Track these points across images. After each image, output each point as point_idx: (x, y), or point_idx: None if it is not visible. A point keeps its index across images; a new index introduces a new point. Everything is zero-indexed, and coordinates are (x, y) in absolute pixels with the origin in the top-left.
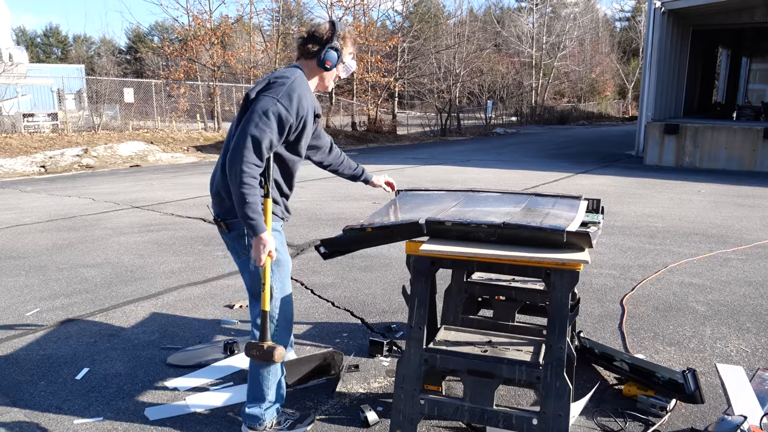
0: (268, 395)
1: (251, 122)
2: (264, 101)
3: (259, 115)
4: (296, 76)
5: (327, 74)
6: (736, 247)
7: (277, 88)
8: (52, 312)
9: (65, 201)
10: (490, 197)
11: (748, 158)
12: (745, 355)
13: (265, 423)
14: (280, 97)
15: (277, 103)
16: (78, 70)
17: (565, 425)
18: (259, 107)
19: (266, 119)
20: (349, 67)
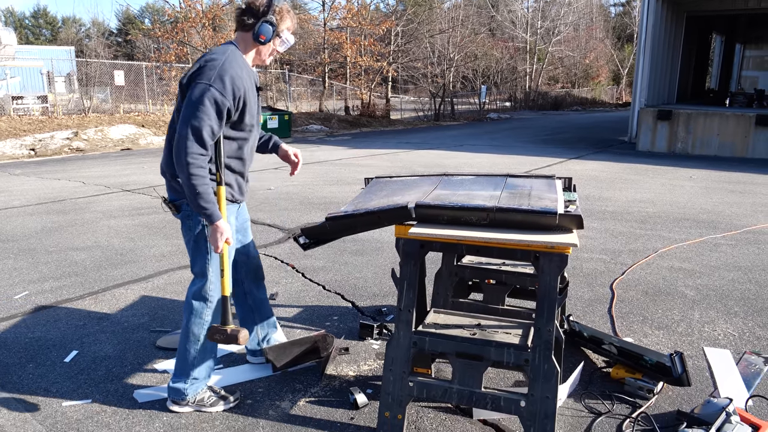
0: (194, 372)
1: (189, 112)
2: (197, 89)
3: (195, 105)
4: (227, 54)
5: (263, 48)
6: (726, 233)
7: (208, 72)
8: (41, 295)
9: (55, 184)
10: (466, 180)
11: (740, 145)
12: (732, 339)
13: (187, 398)
14: (213, 82)
15: (210, 89)
16: (67, 52)
17: (553, 407)
18: (194, 96)
19: (203, 107)
20: (287, 41)
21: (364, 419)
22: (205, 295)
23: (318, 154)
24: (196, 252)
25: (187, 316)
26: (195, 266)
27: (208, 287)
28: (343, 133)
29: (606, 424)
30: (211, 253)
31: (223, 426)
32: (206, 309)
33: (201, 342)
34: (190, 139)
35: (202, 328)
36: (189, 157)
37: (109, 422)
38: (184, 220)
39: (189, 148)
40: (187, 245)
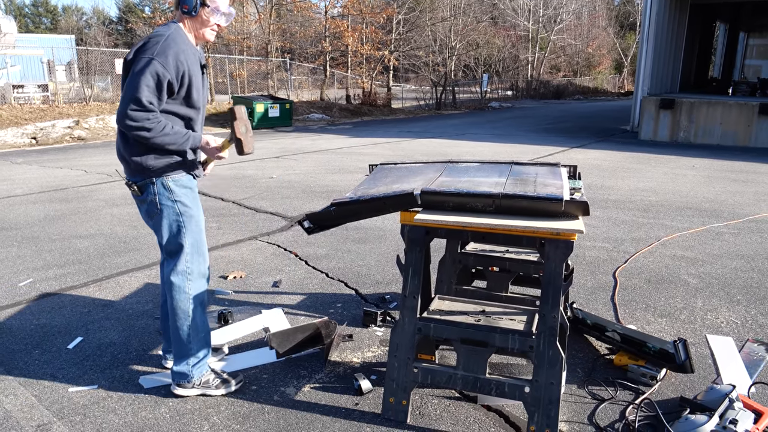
0: (193, 350)
1: (131, 83)
2: (141, 62)
3: (137, 76)
4: (171, 31)
5: (199, 24)
6: (728, 221)
7: (153, 46)
8: (45, 282)
9: (57, 173)
10: (471, 167)
11: (742, 134)
12: (735, 326)
13: (193, 380)
14: (156, 55)
15: (153, 62)
16: (67, 40)
17: (557, 393)
18: (137, 68)
19: (143, 77)
20: (224, 11)
21: (368, 405)
22: (185, 269)
23: (319, 143)
24: (165, 230)
25: (172, 295)
26: (168, 244)
27: (184, 260)
28: (345, 121)
29: (609, 410)
30: (183, 224)
31: (228, 411)
32: (188, 282)
33: (191, 317)
34: (132, 109)
35: (189, 302)
36: (136, 122)
37: (115, 407)
38: (147, 202)
39: (132, 116)
40: (154, 226)
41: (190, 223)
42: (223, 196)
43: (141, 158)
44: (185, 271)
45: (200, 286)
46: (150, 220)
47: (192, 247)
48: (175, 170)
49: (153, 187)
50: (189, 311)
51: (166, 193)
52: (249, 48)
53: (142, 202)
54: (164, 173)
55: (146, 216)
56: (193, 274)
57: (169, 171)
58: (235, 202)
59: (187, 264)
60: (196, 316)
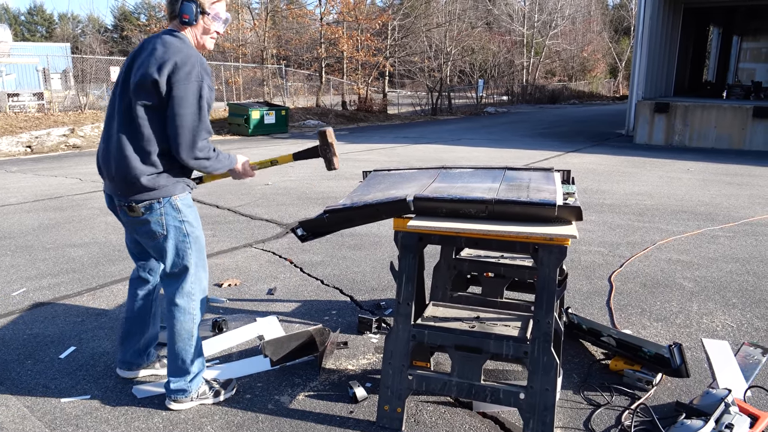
0: (192, 367)
1: (191, 114)
2: (191, 85)
3: (195, 104)
4: (191, 48)
5: (200, 32)
6: (723, 225)
7: (192, 70)
8: (38, 291)
9: (51, 181)
10: (465, 173)
11: (737, 137)
12: (731, 330)
13: (191, 394)
14: (203, 79)
15: (203, 86)
16: (63, 48)
17: (552, 399)
18: (191, 96)
19: (201, 104)
20: (222, 18)
21: (363, 413)
22: (190, 290)
23: None
24: (171, 252)
25: (175, 316)
26: (174, 266)
27: (190, 282)
28: (341, 128)
29: (605, 416)
30: (190, 245)
31: (222, 421)
32: (192, 303)
33: (194, 336)
34: (204, 138)
35: (193, 323)
36: (201, 153)
37: (108, 418)
38: (151, 223)
39: (204, 149)
40: (156, 248)
41: (196, 244)
42: (219, 203)
43: (152, 177)
44: (190, 292)
45: (202, 303)
46: (151, 241)
47: (196, 266)
48: (183, 190)
49: (160, 207)
50: (192, 331)
51: (174, 213)
52: (245, 55)
53: (141, 223)
54: (173, 193)
55: (146, 237)
56: (196, 294)
57: (178, 191)
58: (230, 209)
59: (192, 285)
60: (197, 333)
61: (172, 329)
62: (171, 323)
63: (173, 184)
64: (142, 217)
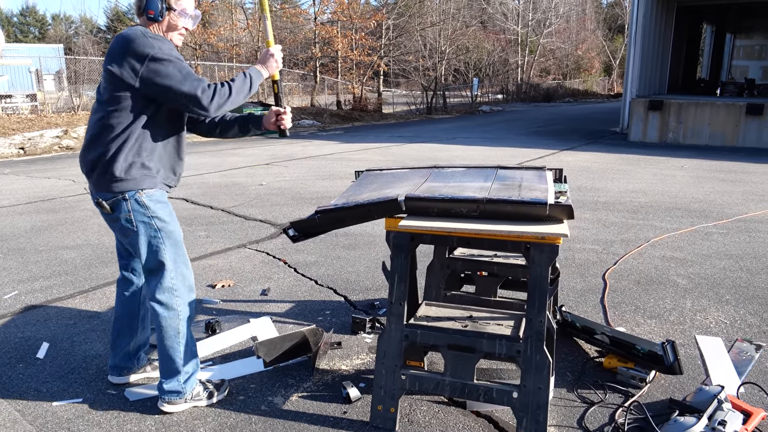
0: (184, 366)
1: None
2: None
3: (167, 67)
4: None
5: (166, 28)
6: (717, 222)
7: (143, 42)
8: (30, 294)
9: (44, 183)
10: (457, 172)
11: (730, 134)
12: (724, 326)
13: (185, 395)
14: (156, 48)
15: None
16: (56, 50)
17: (545, 398)
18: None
19: (172, 63)
20: (191, 14)
21: (357, 413)
22: (170, 285)
23: (310, 149)
24: (144, 248)
25: (159, 314)
26: (149, 263)
27: (169, 277)
28: (335, 127)
29: (599, 414)
30: (162, 240)
31: (215, 423)
32: (175, 298)
33: (181, 333)
34: (195, 87)
35: (179, 319)
36: (216, 90)
37: (100, 421)
38: (121, 221)
39: (208, 92)
40: (131, 245)
41: (169, 239)
42: (212, 204)
43: (120, 172)
44: (171, 288)
45: (188, 299)
46: (125, 238)
47: (174, 262)
48: (151, 185)
49: (126, 204)
50: (179, 328)
51: (141, 209)
52: (239, 55)
53: (113, 220)
54: (139, 187)
55: (120, 234)
56: (179, 290)
57: (145, 185)
58: (224, 210)
59: (172, 280)
60: (186, 332)
61: (158, 328)
62: (156, 322)
63: (141, 177)
64: (111, 215)
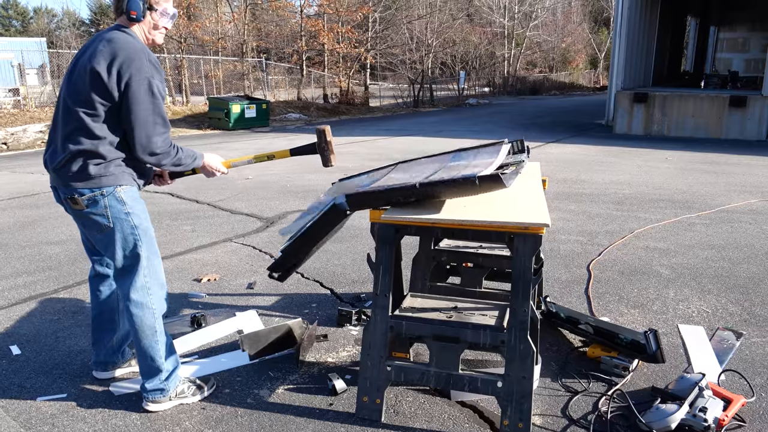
0: (165, 364)
1: (146, 111)
2: (143, 85)
3: (149, 100)
4: (141, 44)
5: (148, 28)
6: (700, 212)
7: (142, 65)
8: (14, 290)
9: (28, 178)
10: (421, 161)
11: (714, 126)
12: (706, 315)
13: (169, 393)
14: (152, 75)
15: (154, 81)
16: (38, 43)
17: (529, 387)
18: (143, 92)
19: (155, 99)
20: (169, 12)
21: (343, 405)
22: (144, 284)
23: (296, 143)
24: (119, 246)
25: (133, 313)
26: (124, 260)
27: (143, 275)
28: (322, 121)
29: (582, 402)
30: (139, 237)
31: (201, 416)
32: (149, 296)
33: (157, 331)
34: (161, 133)
35: (153, 317)
36: (161, 148)
37: (84, 416)
38: (96, 216)
39: (156, 142)
40: (104, 242)
41: (145, 236)
42: (198, 198)
43: (99, 168)
44: (144, 286)
45: (161, 296)
46: (98, 234)
47: (148, 259)
48: (129, 182)
49: (104, 200)
50: (155, 325)
51: (119, 205)
52: (224, 48)
53: (85, 216)
54: (117, 183)
55: (93, 231)
56: (152, 287)
57: (123, 181)
58: (210, 204)
59: (145, 278)
60: (162, 329)
61: (134, 328)
62: (131, 321)
63: (119, 174)
64: (86, 210)
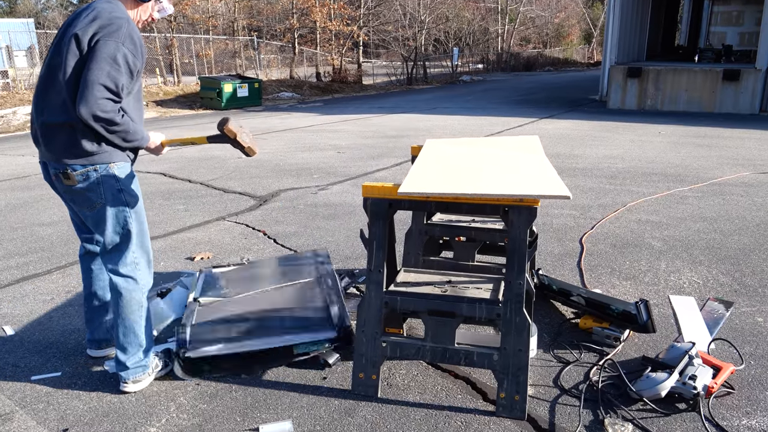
0: (145, 341)
1: (101, 69)
2: (109, 46)
3: (109, 62)
4: (127, 14)
5: (142, 13)
6: (692, 185)
7: (117, 31)
8: (6, 272)
9: (18, 160)
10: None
11: (707, 100)
12: (697, 286)
13: (148, 369)
14: (124, 41)
15: (122, 47)
16: (25, 24)
17: (525, 360)
18: (106, 53)
19: (116, 66)
20: (166, 8)
21: (336, 379)
22: (134, 260)
23: (289, 122)
24: (110, 222)
25: (123, 288)
26: (114, 236)
27: (132, 251)
28: (315, 99)
29: (574, 373)
30: (130, 214)
31: (195, 392)
32: (138, 272)
33: (144, 306)
34: (106, 97)
35: (142, 293)
36: (107, 114)
37: (79, 393)
38: (87, 192)
39: (102, 105)
40: (94, 218)
41: (136, 213)
42: (191, 177)
43: (92, 144)
44: (134, 262)
45: (149, 272)
46: (89, 211)
47: (138, 236)
48: (122, 158)
49: (97, 175)
50: (142, 301)
51: (112, 181)
52: (215, 27)
53: (77, 192)
54: (111, 160)
55: (84, 207)
56: (141, 264)
57: (117, 158)
58: (203, 183)
59: (134, 254)
60: (146, 304)
61: (120, 303)
62: (118, 296)
63: (112, 151)
64: (78, 186)
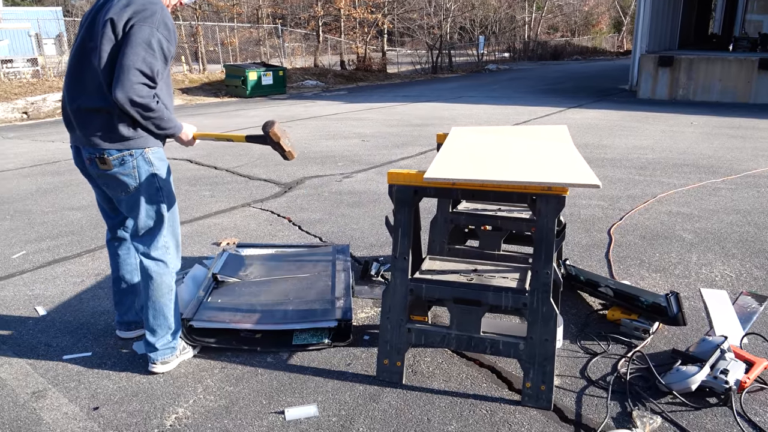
0: (174, 324)
1: (136, 54)
2: (144, 31)
3: (144, 47)
4: (160, 1)
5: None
6: (725, 177)
7: (152, 17)
8: (38, 254)
9: (49, 146)
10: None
11: (742, 90)
12: (730, 279)
13: (176, 352)
14: (158, 27)
15: (156, 33)
16: (54, 12)
17: (552, 350)
18: (141, 38)
19: (151, 51)
20: None
21: (361, 365)
22: (164, 244)
23: (314, 110)
24: (144, 206)
25: (154, 271)
26: (147, 220)
27: (163, 235)
28: (339, 87)
29: (601, 364)
30: (163, 198)
31: (222, 374)
32: (168, 256)
33: (174, 290)
34: (142, 82)
35: (172, 276)
36: (143, 100)
37: (109, 373)
38: (123, 176)
39: (139, 91)
40: (128, 202)
41: (168, 198)
42: (216, 164)
43: (129, 129)
44: (165, 245)
45: (178, 256)
46: (123, 195)
47: (170, 220)
48: (156, 143)
49: (132, 160)
50: (171, 285)
51: (147, 166)
52: (239, 15)
53: (112, 177)
54: (147, 145)
55: (117, 191)
56: (171, 248)
57: (151, 143)
58: (228, 170)
59: (165, 238)
60: (175, 287)
61: (151, 285)
62: (149, 280)
63: (147, 135)
64: (113, 170)
